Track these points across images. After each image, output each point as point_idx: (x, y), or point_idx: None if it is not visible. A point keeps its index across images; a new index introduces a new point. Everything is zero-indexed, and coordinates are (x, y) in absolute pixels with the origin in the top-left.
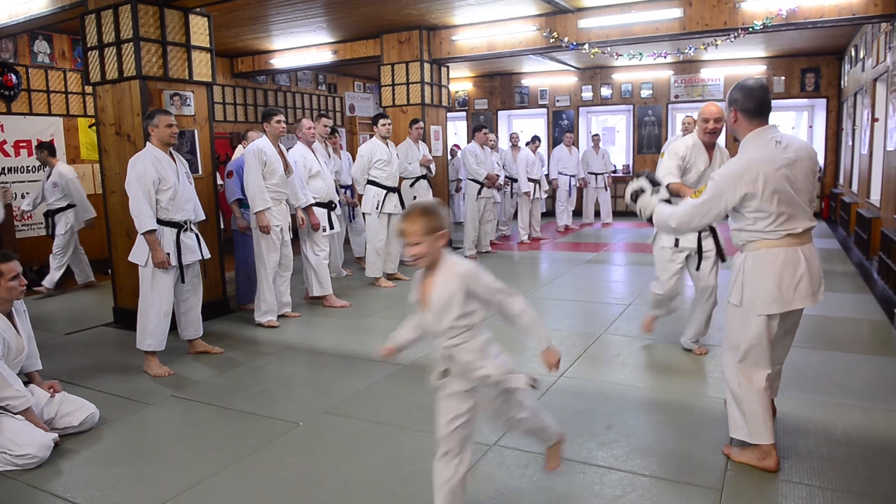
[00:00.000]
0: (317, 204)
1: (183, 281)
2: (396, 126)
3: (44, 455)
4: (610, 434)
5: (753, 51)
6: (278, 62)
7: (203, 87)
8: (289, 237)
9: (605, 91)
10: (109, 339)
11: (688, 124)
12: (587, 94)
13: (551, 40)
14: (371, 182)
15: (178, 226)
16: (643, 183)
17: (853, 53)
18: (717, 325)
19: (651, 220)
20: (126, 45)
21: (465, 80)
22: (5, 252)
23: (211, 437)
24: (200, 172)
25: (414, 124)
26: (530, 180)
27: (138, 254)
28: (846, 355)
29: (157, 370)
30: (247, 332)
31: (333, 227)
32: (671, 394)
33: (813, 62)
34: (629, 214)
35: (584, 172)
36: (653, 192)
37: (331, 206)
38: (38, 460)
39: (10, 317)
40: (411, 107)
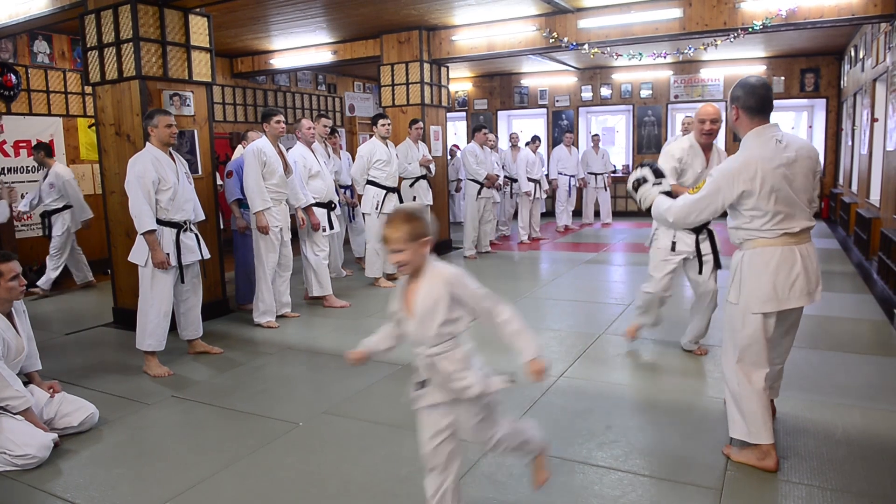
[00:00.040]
0: (316, 204)
1: (182, 281)
2: (396, 126)
3: (43, 455)
4: (610, 434)
5: (753, 51)
6: (278, 62)
7: (203, 87)
8: (288, 237)
9: (605, 91)
10: (109, 340)
11: (688, 124)
12: (587, 95)
13: (551, 40)
14: (370, 182)
15: (178, 226)
16: (646, 173)
17: (853, 54)
18: (716, 325)
19: (650, 210)
20: (126, 45)
21: (465, 80)
22: (5, 252)
23: (211, 437)
24: (200, 172)
25: (413, 124)
26: (530, 180)
27: (138, 254)
28: (846, 355)
29: (157, 370)
30: (246, 332)
31: (333, 228)
32: (671, 394)
33: (812, 62)
34: (629, 215)
35: (584, 172)
36: (654, 184)
37: (330, 206)
38: (37, 460)
39: (9, 317)
40: (411, 107)
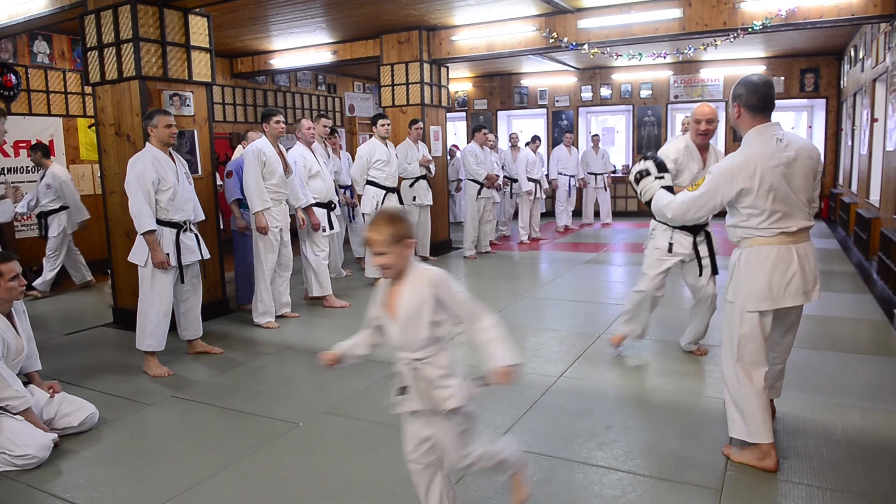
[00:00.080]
0: (316, 204)
1: (182, 281)
2: (396, 126)
3: (43, 455)
4: (610, 434)
5: (753, 51)
6: (278, 62)
7: (202, 87)
8: (288, 237)
9: (605, 91)
10: (109, 340)
11: (687, 124)
12: (587, 95)
13: (551, 41)
14: (370, 182)
15: (178, 226)
16: (649, 165)
17: (852, 54)
18: (716, 326)
19: (650, 203)
20: (125, 45)
21: (465, 80)
22: (5, 252)
23: (211, 437)
24: (200, 173)
25: (413, 124)
26: (530, 180)
27: (138, 254)
28: (846, 355)
29: (157, 370)
30: (246, 332)
31: (333, 228)
32: (671, 394)
33: (812, 62)
34: (629, 215)
35: (584, 173)
36: (657, 177)
37: (330, 206)
38: (37, 461)
39: (9, 317)
40: (411, 107)
